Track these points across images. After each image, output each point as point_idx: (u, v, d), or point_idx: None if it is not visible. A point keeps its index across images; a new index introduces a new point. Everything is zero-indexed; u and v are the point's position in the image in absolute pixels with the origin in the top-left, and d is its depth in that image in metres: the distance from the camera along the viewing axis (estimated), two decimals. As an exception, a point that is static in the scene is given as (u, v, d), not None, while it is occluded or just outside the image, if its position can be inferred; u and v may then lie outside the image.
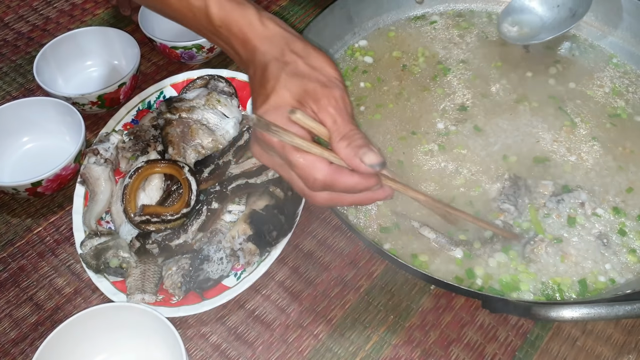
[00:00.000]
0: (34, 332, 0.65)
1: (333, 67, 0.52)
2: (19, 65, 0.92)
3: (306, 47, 0.52)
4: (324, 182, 0.49)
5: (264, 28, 0.53)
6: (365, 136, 0.49)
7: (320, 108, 0.49)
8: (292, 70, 0.50)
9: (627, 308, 0.46)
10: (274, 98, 0.50)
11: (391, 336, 0.63)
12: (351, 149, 0.48)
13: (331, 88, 0.50)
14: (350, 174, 0.49)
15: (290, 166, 0.50)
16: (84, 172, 0.71)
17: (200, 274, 0.64)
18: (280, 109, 0.49)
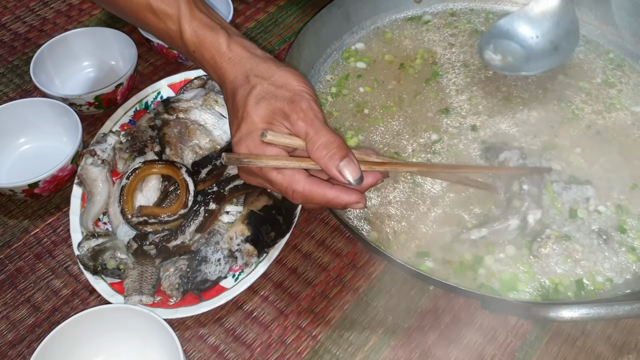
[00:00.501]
0: (31, 334, 0.65)
1: (298, 81, 0.54)
2: (15, 66, 0.92)
3: (269, 68, 0.54)
4: (302, 195, 0.51)
5: (231, 54, 0.55)
6: (343, 142, 0.51)
7: (292, 123, 0.52)
8: (257, 94, 0.53)
9: (626, 308, 0.45)
10: (244, 126, 0.52)
11: (390, 337, 0.63)
12: (329, 159, 0.50)
13: (298, 102, 0.52)
14: (329, 187, 0.51)
15: (271, 184, 0.53)
16: (81, 173, 0.71)
17: (198, 275, 0.63)
18: (251, 134, 0.52)
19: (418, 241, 0.64)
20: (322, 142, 0.50)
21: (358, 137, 0.72)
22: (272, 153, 0.52)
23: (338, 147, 0.50)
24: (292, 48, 0.72)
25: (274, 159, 0.51)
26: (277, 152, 0.52)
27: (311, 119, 0.51)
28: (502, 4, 0.85)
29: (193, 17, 0.57)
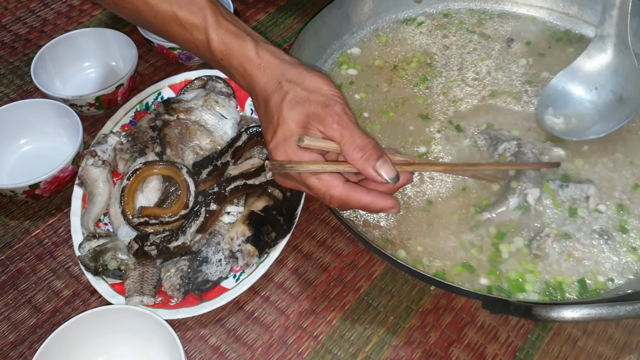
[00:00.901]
0: (33, 335, 0.65)
1: (329, 85, 0.55)
2: (16, 67, 0.92)
3: (300, 73, 0.55)
4: (339, 200, 0.53)
5: (260, 60, 0.56)
6: (377, 144, 0.53)
7: (326, 127, 0.53)
8: (291, 99, 0.54)
9: (628, 308, 0.45)
10: (281, 131, 0.53)
11: (391, 337, 0.62)
12: (366, 161, 0.52)
13: (331, 106, 0.53)
14: (366, 192, 0.53)
15: (309, 189, 0.55)
16: (81, 174, 0.71)
17: (199, 276, 0.63)
18: (288, 140, 0.53)
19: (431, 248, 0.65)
20: (358, 144, 0.52)
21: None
22: (310, 158, 0.53)
23: (373, 149, 0.52)
24: (292, 48, 0.71)
25: (313, 164, 0.53)
26: (315, 157, 0.53)
27: (345, 122, 0.53)
28: (502, 3, 0.85)
29: (219, 26, 0.57)
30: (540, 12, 0.84)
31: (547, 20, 0.83)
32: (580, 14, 0.82)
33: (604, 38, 0.71)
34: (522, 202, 0.64)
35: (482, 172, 0.67)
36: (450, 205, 0.66)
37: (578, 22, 0.82)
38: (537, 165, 0.66)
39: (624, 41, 0.69)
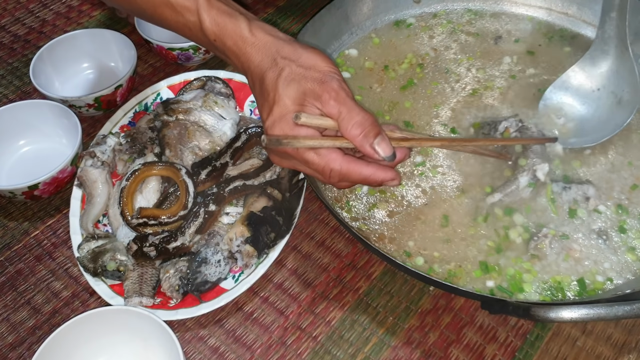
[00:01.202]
0: (32, 336, 0.65)
1: (326, 61, 0.54)
2: (15, 68, 0.92)
3: (296, 50, 0.54)
4: (339, 173, 0.52)
5: (254, 38, 0.55)
6: (375, 120, 0.52)
7: (323, 104, 0.52)
8: (287, 76, 0.53)
9: (626, 308, 0.45)
10: (277, 109, 0.53)
11: (390, 338, 0.62)
12: (364, 137, 0.51)
13: (328, 82, 0.52)
14: (366, 164, 0.53)
15: (307, 165, 0.54)
16: (80, 174, 0.71)
17: (198, 277, 0.63)
18: (284, 117, 0.52)
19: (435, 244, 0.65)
20: (356, 120, 0.51)
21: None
22: (307, 134, 0.52)
23: (371, 125, 0.52)
24: (291, 49, 0.71)
25: (310, 139, 0.52)
26: (311, 132, 0.53)
27: (343, 98, 0.52)
28: (502, 3, 0.85)
29: (211, 6, 0.56)
30: (539, 12, 0.84)
31: (545, 19, 0.83)
32: (579, 14, 0.82)
33: (605, 40, 0.70)
34: (532, 179, 0.64)
35: (484, 148, 0.66)
36: (461, 216, 0.66)
37: (577, 22, 0.82)
38: (534, 141, 0.66)
39: (624, 43, 0.69)
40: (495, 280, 0.61)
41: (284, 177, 0.70)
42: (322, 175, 0.54)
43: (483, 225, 0.64)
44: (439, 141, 0.61)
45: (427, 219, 0.66)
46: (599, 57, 0.71)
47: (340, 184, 0.55)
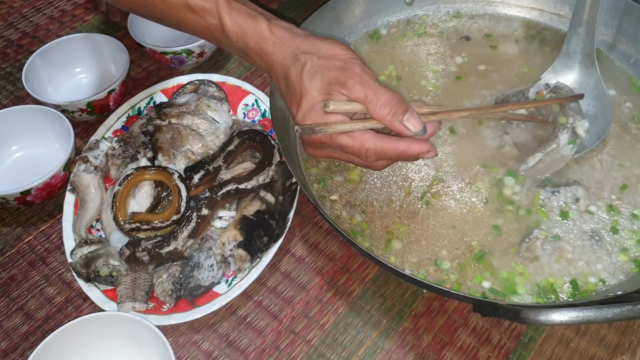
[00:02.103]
0: (25, 343, 0.65)
1: (345, 49, 0.56)
2: (8, 73, 0.92)
3: (314, 43, 0.56)
4: (375, 152, 0.54)
5: (274, 37, 0.57)
6: (402, 98, 0.54)
7: (349, 89, 0.54)
8: (310, 70, 0.54)
9: (615, 311, 0.45)
10: (305, 102, 0.54)
11: (384, 340, 0.62)
12: (393, 115, 0.53)
13: (350, 68, 0.54)
14: (399, 140, 0.54)
15: (343, 150, 0.55)
16: (73, 180, 0.71)
17: (191, 281, 0.63)
18: (313, 108, 0.54)
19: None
20: (383, 100, 0.53)
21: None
22: (337, 120, 0.54)
23: (399, 103, 0.53)
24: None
25: (341, 124, 0.53)
26: (341, 118, 0.54)
27: (367, 81, 0.54)
28: (494, 5, 0.85)
29: (231, 8, 0.58)
30: (531, 13, 0.84)
31: (537, 20, 0.83)
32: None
33: (569, 54, 0.71)
34: (572, 136, 0.65)
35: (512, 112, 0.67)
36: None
37: (569, 22, 0.82)
38: (561, 100, 0.67)
39: (590, 58, 0.70)
40: (489, 281, 0.61)
41: (277, 180, 0.70)
42: (359, 157, 0.55)
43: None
44: (466, 111, 0.61)
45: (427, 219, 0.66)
46: (562, 71, 0.72)
47: (378, 163, 0.57)
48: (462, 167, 0.69)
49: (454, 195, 0.67)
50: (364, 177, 0.69)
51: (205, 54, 0.87)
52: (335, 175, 0.69)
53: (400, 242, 0.64)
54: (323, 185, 0.69)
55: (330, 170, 0.70)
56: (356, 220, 0.66)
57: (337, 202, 0.67)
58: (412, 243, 0.64)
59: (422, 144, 0.54)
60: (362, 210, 0.66)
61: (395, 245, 0.64)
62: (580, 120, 0.66)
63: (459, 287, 0.60)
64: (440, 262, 0.62)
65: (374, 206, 0.67)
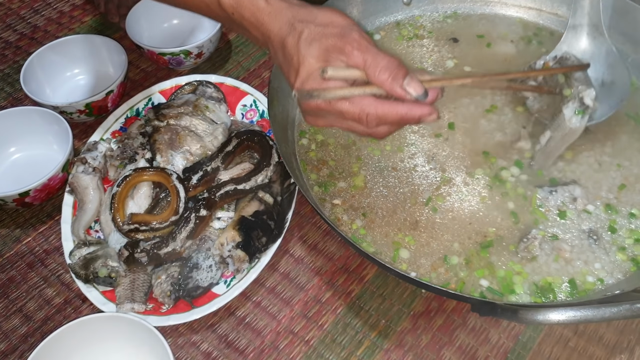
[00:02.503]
0: (24, 344, 0.65)
1: (342, 16, 0.55)
2: (6, 74, 0.92)
3: (311, 11, 0.55)
4: (376, 116, 0.52)
5: (270, 7, 0.56)
6: (401, 62, 0.52)
7: (348, 56, 0.53)
8: (307, 38, 0.54)
9: (613, 310, 0.45)
10: (303, 69, 0.53)
11: (383, 341, 0.63)
12: (393, 80, 0.51)
13: (348, 34, 0.53)
14: (400, 103, 0.53)
15: (343, 116, 0.54)
16: (72, 181, 0.71)
17: (190, 282, 0.63)
18: (311, 75, 0.53)
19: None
20: (383, 65, 0.52)
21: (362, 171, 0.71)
22: (336, 86, 0.53)
23: (398, 67, 0.52)
24: (282, 53, 0.71)
25: (341, 90, 0.52)
26: (340, 84, 0.53)
27: (365, 46, 0.53)
28: (492, 5, 0.85)
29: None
30: (528, 13, 0.84)
31: (535, 20, 0.84)
32: (569, 14, 0.82)
33: (576, 28, 0.71)
34: (580, 106, 0.63)
35: (522, 83, 0.66)
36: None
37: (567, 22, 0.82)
38: (566, 69, 0.66)
39: (598, 28, 0.69)
40: (488, 280, 0.61)
41: (276, 180, 0.70)
42: (360, 123, 0.54)
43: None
44: (469, 78, 0.60)
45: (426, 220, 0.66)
46: (572, 44, 0.71)
47: (379, 129, 0.55)
48: (471, 162, 0.69)
49: (460, 191, 0.67)
50: (368, 184, 0.68)
51: (203, 55, 0.87)
52: (339, 181, 0.69)
53: (408, 251, 0.63)
54: (324, 190, 0.68)
55: (333, 177, 0.69)
56: (356, 224, 0.65)
57: (339, 206, 0.67)
58: (423, 246, 0.64)
59: (424, 106, 0.53)
60: (362, 214, 0.66)
61: (403, 254, 0.63)
62: (586, 89, 0.64)
63: (462, 286, 0.60)
64: (449, 258, 0.62)
65: (376, 213, 0.66)
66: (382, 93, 0.53)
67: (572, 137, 0.65)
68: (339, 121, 0.55)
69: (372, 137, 0.57)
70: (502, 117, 0.73)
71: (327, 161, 0.71)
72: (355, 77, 0.53)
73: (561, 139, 0.66)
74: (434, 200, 0.66)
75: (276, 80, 0.70)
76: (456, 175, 0.69)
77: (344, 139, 0.73)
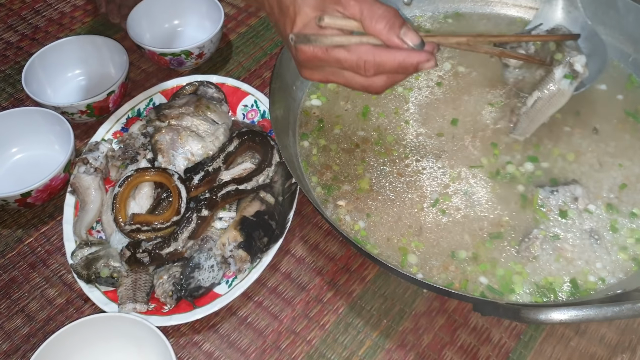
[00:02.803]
0: (26, 344, 0.65)
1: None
2: (8, 75, 0.92)
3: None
4: (374, 63, 0.52)
5: None
6: (398, 13, 0.52)
7: (344, 6, 0.52)
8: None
9: (615, 309, 0.45)
10: (299, 18, 0.53)
11: (384, 340, 0.63)
12: (390, 29, 0.51)
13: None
14: (397, 50, 0.52)
15: (340, 66, 0.53)
16: (73, 181, 0.71)
17: (192, 282, 0.63)
18: (308, 24, 0.52)
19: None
20: (379, 14, 0.51)
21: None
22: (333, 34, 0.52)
23: (395, 17, 0.52)
24: (283, 53, 0.72)
25: (338, 37, 0.52)
26: (337, 33, 0.53)
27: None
28: (492, 5, 0.85)
29: None
30: (529, 13, 0.84)
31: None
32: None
33: (550, 2, 0.73)
34: (570, 72, 0.64)
35: (513, 51, 0.67)
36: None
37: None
38: (558, 37, 0.67)
39: (573, 2, 0.71)
40: (487, 277, 0.61)
41: (277, 181, 0.70)
42: (357, 73, 0.53)
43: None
44: (465, 37, 0.60)
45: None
46: (547, 19, 0.73)
47: (377, 81, 0.54)
48: (476, 155, 0.70)
49: (468, 186, 0.67)
50: (374, 187, 0.68)
51: (204, 56, 0.87)
52: (344, 184, 0.69)
53: (416, 256, 0.63)
54: (327, 193, 0.68)
55: (338, 180, 0.69)
56: (359, 226, 0.65)
57: (343, 207, 0.67)
58: (433, 247, 0.64)
59: (422, 53, 0.52)
60: (367, 214, 0.66)
61: (411, 259, 0.63)
62: (577, 55, 0.65)
63: (465, 284, 0.60)
64: (457, 253, 0.62)
65: (381, 217, 0.66)
66: (379, 44, 0.52)
67: (561, 99, 0.65)
68: (335, 73, 0.54)
69: (370, 92, 0.56)
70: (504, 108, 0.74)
71: (331, 166, 0.71)
72: (352, 27, 0.53)
73: (548, 101, 0.66)
74: (441, 202, 0.66)
75: (277, 81, 0.70)
76: (463, 171, 0.69)
77: (346, 144, 0.73)
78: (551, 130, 0.72)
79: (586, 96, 0.75)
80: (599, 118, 0.73)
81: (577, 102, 0.75)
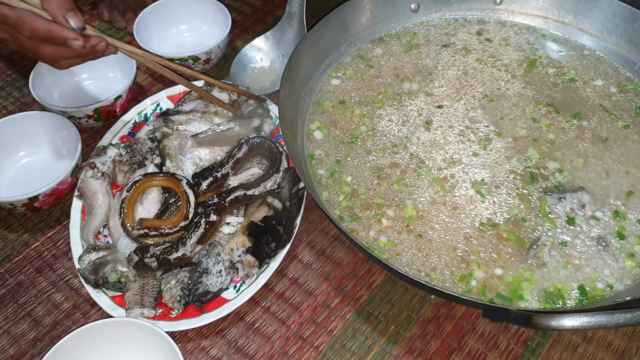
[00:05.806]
0: (33, 349, 0.64)
1: None
2: (14, 79, 0.92)
3: None
4: (29, 25, 0.59)
5: None
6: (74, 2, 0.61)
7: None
8: None
9: (627, 316, 0.46)
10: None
11: (392, 346, 0.63)
12: (59, 9, 0.60)
13: None
14: (53, 22, 0.60)
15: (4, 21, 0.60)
16: (81, 186, 0.71)
17: (200, 287, 0.63)
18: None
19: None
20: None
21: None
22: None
23: (68, 3, 0.60)
24: (291, 59, 0.72)
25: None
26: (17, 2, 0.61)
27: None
28: (498, 13, 0.86)
29: None
30: (536, 21, 0.85)
31: (542, 28, 0.84)
32: (576, 22, 0.83)
33: (291, 14, 0.83)
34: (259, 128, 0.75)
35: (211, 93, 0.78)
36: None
37: (573, 30, 0.83)
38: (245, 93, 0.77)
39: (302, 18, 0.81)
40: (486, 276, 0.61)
41: (285, 186, 0.70)
42: (16, 28, 0.60)
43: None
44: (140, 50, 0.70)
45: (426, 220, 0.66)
46: (286, 29, 0.84)
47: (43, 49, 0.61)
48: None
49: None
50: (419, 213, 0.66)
51: (211, 61, 0.87)
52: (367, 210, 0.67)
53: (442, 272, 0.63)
54: (352, 220, 0.66)
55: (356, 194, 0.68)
56: (382, 241, 0.65)
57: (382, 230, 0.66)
58: (440, 253, 0.64)
59: (73, 32, 0.60)
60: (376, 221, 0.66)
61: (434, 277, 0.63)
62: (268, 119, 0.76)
63: (484, 289, 0.60)
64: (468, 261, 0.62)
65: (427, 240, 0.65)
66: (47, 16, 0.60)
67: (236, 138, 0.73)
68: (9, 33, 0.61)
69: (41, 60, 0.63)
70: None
71: (342, 187, 0.70)
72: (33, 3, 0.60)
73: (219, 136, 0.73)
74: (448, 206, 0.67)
75: (287, 87, 0.70)
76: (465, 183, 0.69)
77: (363, 168, 0.72)
78: (559, 137, 0.73)
79: (593, 103, 0.76)
80: (606, 125, 0.73)
81: (585, 109, 0.75)
